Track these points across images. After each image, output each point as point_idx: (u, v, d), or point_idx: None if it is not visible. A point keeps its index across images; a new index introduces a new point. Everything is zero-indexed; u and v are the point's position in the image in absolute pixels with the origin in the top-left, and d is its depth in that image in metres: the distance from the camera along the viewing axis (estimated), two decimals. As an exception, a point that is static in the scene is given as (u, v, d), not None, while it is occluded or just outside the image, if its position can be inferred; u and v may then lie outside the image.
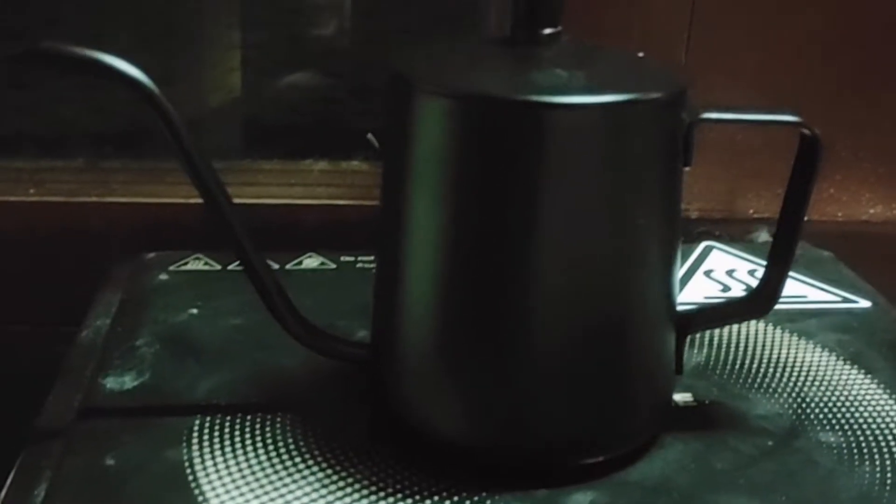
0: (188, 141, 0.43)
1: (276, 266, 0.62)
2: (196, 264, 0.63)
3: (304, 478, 0.43)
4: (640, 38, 0.67)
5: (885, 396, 0.51)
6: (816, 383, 0.52)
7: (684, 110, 0.43)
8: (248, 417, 0.47)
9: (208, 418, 0.47)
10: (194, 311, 0.57)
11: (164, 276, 0.61)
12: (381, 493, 0.42)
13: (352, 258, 0.64)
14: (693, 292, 0.62)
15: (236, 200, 0.45)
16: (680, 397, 0.50)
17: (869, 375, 0.53)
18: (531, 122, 0.39)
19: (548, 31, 0.43)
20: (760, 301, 0.47)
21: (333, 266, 0.64)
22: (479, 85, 0.40)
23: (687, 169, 0.44)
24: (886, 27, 0.70)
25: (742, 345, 0.55)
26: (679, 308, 0.46)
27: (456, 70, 0.42)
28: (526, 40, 0.43)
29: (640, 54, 0.45)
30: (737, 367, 0.53)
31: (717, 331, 0.56)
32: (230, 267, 0.62)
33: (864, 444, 0.47)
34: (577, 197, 0.41)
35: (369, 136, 0.46)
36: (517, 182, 0.40)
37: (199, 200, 0.44)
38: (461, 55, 0.44)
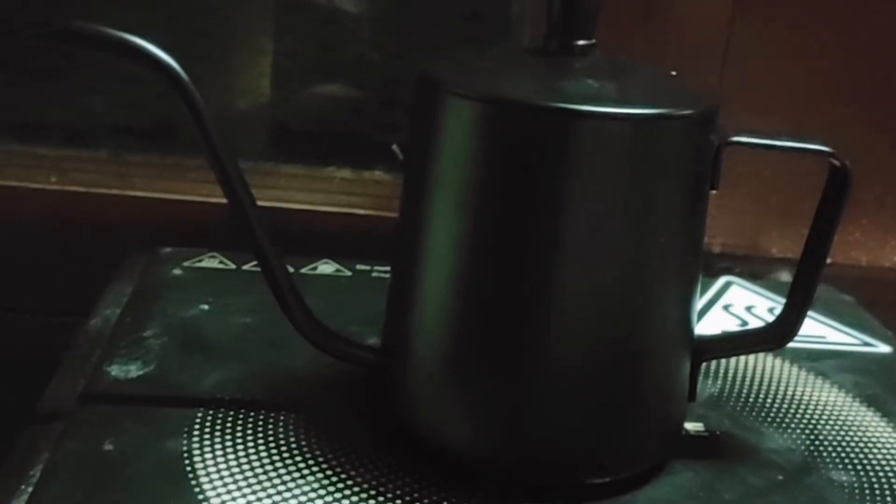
0: (212, 128, 0.42)
1: (290, 269, 0.62)
2: (211, 262, 0.62)
3: (302, 477, 0.42)
4: (673, 67, 0.66)
5: (901, 441, 0.50)
6: (831, 422, 0.51)
7: (714, 131, 0.42)
8: (252, 414, 0.46)
9: (211, 412, 0.46)
10: (205, 306, 0.56)
11: (177, 271, 0.61)
12: (381, 499, 0.41)
13: (367, 267, 0.64)
14: (710, 326, 0.61)
15: (257, 202, 0.45)
16: (692, 426, 0.49)
17: (885, 418, 0.52)
18: (559, 130, 0.39)
19: (581, 42, 0.42)
20: (778, 334, 0.46)
21: (349, 273, 0.63)
22: (507, 89, 0.40)
23: (713, 192, 0.44)
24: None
25: (757, 379, 0.54)
26: (696, 334, 0.46)
27: (485, 74, 0.42)
28: (559, 51, 0.42)
29: (673, 73, 0.45)
30: (751, 400, 0.52)
31: (732, 363, 0.55)
32: (245, 267, 0.61)
33: (876, 485, 0.46)
34: (601, 210, 0.40)
35: (394, 147, 0.46)
36: (540, 190, 0.40)
37: (220, 199, 0.44)
38: (491, 61, 0.44)
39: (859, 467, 0.47)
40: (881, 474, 0.46)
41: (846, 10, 0.68)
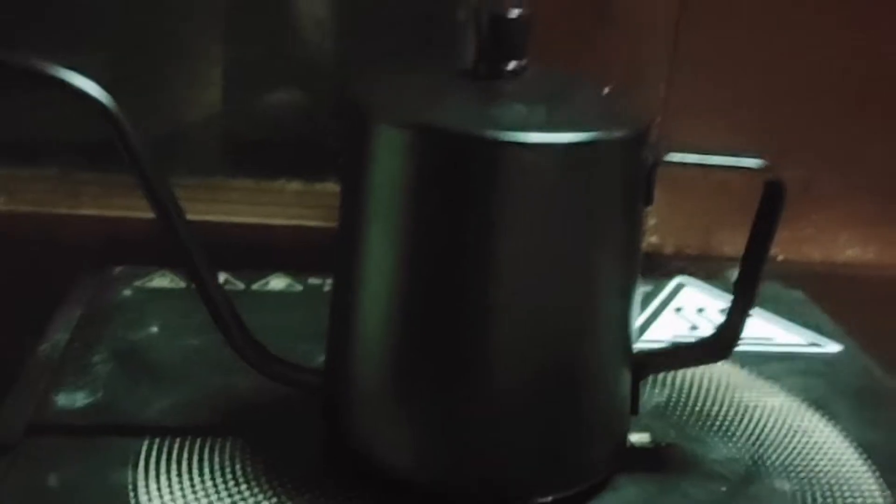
0: (144, 156, 0.42)
1: (241, 285, 0.62)
2: (161, 281, 0.62)
3: (247, 506, 0.43)
4: (621, 70, 0.66)
5: (846, 444, 0.50)
6: (776, 428, 0.51)
7: (647, 150, 0.42)
8: (198, 441, 0.46)
9: (157, 440, 0.46)
10: (154, 329, 0.56)
11: (127, 292, 0.61)
12: (325, 526, 0.42)
13: (319, 281, 0.64)
14: (661, 330, 0.61)
15: (207, 218, 0.45)
16: (637, 438, 0.49)
17: (831, 422, 0.52)
18: (487, 159, 0.39)
19: (511, 64, 0.42)
20: (719, 346, 0.47)
21: (300, 288, 0.63)
22: (435, 118, 0.40)
23: (648, 209, 0.44)
24: (866, 68, 0.70)
25: (705, 386, 0.55)
26: (637, 349, 0.46)
27: (413, 102, 0.42)
28: (489, 74, 0.42)
29: (606, 90, 0.45)
30: (697, 408, 0.53)
31: (680, 371, 0.55)
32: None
33: (818, 493, 0.46)
34: (534, 234, 0.40)
35: (342, 159, 0.46)
36: (472, 217, 0.40)
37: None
38: (421, 86, 0.43)
39: (802, 474, 0.47)
40: (823, 481, 0.47)
41: (792, 10, 0.68)
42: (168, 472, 0.44)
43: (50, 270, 0.65)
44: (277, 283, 0.64)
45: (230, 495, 0.43)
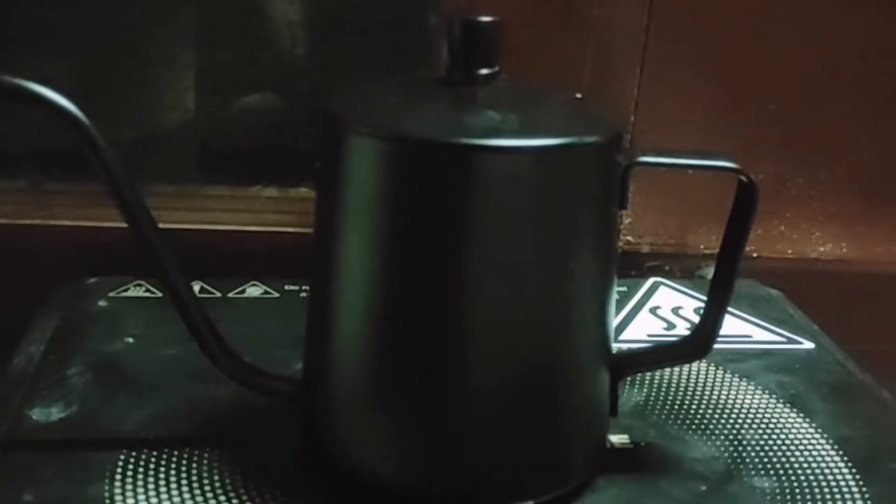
0: (115, 169, 0.42)
1: (218, 294, 0.62)
2: (136, 291, 0.62)
3: (226, 518, 0.42)
4: (592, 72, 0.67)
5: (822, 441, 0.50)
6: (754, 426, 0.52)
7: (620, 153, 0.42)
8: (176, 453, 0.46)
9: (134, 453, 0.46)
10: (130, 339, 0.56)
11: (102, 303, 0.60)
12: (305, 535, 0.42)
13: (295, 287, 0.64)
14: (637, 330, 0.61)
15: (182, 226, 0.45)
16: (616, 438, 0.49)
17: (807, 419, 0.52)
18: (461, 166, 0.39)
19: (484, 71, 0.42)
20: (696, 346, 0.47)
21: (277, 295, 0.63)
22: (409, 127, 0.40)
23: (622, 212, 0.44)
24: (834, 69, 0.71)
25: (683, 385, 0.55)
26: (615, 350, 0.46)
27: (387, 111, 0.42)
28: (462, 81, 0.42)
29: (578, 95, 0.45)
30: (676, 407, 0.53)
31: (658, 370, 0.56)
32: (171, 294, 0.61)
33: (797, 489, 0.46)
34: (509, 240, 0.40)
35: (318, 164, 0.46)
36: (447, 224, 0.40)
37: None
38: (394, 95, 0.43)
39: (781, 472, 0.48)
40: (802, 477, 0.47)
41: (760, 14, 0.68)
42: (146, 484, 0.44)
43: (24, 282, 0.65)
44: (254, 290, 0.63)
45: (209, 507, 0.43)
